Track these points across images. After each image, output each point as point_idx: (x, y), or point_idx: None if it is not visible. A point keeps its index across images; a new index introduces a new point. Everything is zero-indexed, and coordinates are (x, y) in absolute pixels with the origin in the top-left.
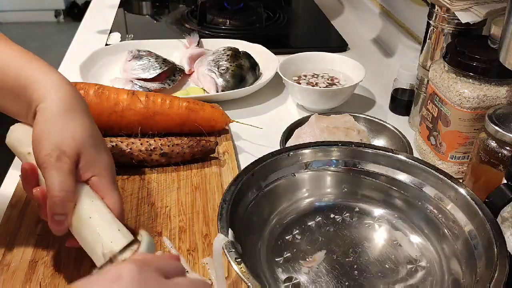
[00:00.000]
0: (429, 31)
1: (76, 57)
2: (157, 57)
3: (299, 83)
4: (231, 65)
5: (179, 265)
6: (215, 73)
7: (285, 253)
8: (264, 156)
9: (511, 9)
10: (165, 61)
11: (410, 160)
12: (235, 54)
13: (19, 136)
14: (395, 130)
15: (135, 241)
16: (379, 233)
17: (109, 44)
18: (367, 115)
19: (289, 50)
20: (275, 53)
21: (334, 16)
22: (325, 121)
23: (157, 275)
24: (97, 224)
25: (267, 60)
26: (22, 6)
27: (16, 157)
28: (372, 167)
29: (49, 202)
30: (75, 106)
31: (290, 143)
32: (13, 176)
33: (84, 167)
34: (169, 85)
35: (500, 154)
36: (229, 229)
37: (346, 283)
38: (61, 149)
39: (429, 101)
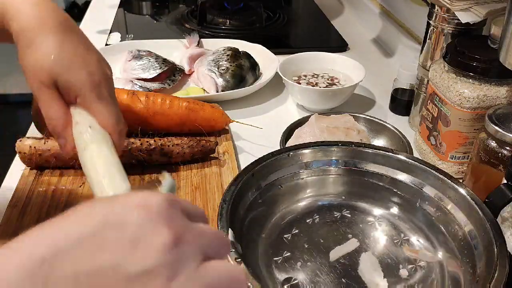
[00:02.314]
0: (429, 31)
1: None
2: (157, 57)
3: (299, 83)
4: (231, 65)
5: (203, 212)
6: (215, 73)
7: (285, 252)
8: (264, 156)
9: (511, 9)
10: (165, 61)
11: (410, 160)
12: (235, 54)
13: None
14: (395, 130)
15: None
16: (379, 233)
17: (109, 44)
18: (367, 115)
19: (289, 50)
20: (275, 53)
21: (334, 16)
22: (325, 121)
23: (182, 215)
24: (97, 168)
25: (267, 60)
26: None
27: (16, 157)
28: (372, 167)
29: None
30: (45, 25)
31: (290, 143)
32: (13, 176)
33: (64, 91)
34: (169, 85)
35: (500, 154)
36: (229, 229)
37: (346, 283)
38: (39, 79)
39: (429, 101)
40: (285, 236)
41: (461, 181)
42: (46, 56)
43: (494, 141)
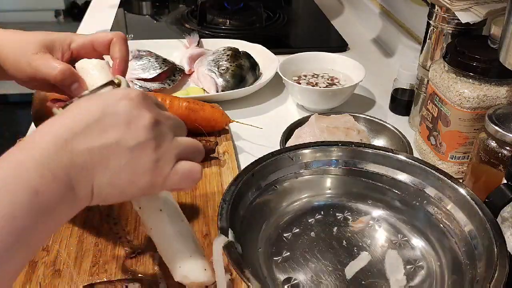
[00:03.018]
0: (429, 31)
1: None
2: (157, 57)
3: (299, 83)
4: (231, 65)
5: (163, 104)
6: (215, 73)
7: (284, 252)
8: (264, 156)
9: (511, 9)
10: (165, 61)
11: (410, 160)
12: (235, 54)
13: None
14: (395, 130)
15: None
16: (379, 233)
17: None
18: (367, 115)
19: (289, 50)
20: (275, 53)
21: (334, 16)
22: (325, 121)
23: (155, 105)
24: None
25: (267, 60)
26: (22, 6)
27: None
28: (372, 167)
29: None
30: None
31: (290, 143)
32: None
33: (57, 47)
34: (169, 85)
35: (500, 154)
36: (229, 229)
37: (346, 284)
38: (31, 53)
39: (429, 101)
40: (285, 236)
41: (461, 181)
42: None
43: (494, 141)
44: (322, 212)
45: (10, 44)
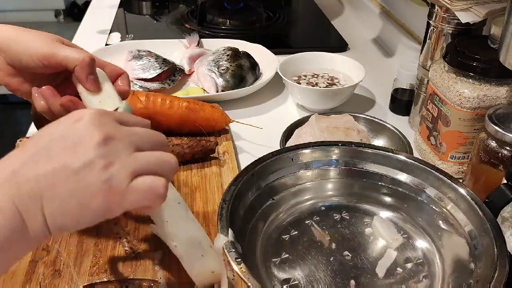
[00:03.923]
0: (429, 31)
1: None
2: (157, 57)
3: (299, 83)
4: (231, 65)
5: (142, 120)
6: (215, 73)
7: (284, 253)
8: (264, 156)
9: (511, 9)
10: (165, 61)
11: (410, 160)
12: (235, 54)
13: None
14: (395, 130)
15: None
16: (378, 233)
17: (109, 44)
18: (367, 115)
19: (289, 50)
20: (275, 53)
21: (334, 16)
22: (325, 121)
23: (114, 121)
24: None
25: (267, 60)
26: (22, 6)
27: None
28: (372, 167)
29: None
30: None
31: (290, 143)
32: None
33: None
34: (169, 85)
35: (500, 154)
36: (229, 229)
37: (346, 284)
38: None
39: (429, 101)
40: (284, 236)
41: (461, 181)
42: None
43: (494, 141)
44: (321, 212)
45: (25, 33)
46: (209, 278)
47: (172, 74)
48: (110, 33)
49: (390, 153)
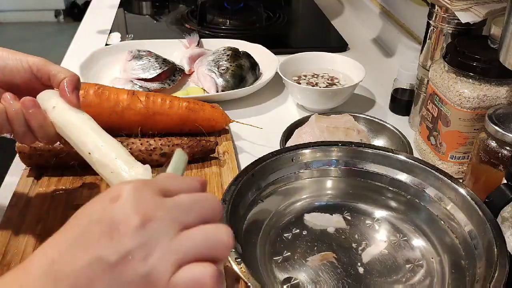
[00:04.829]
0: (429, 31)
1: (76, 57)
2: (157, 57)
3: (299, 83)
4: (231, 65)
5: (191, 183)
6: (215, 73)
7: (284, 252)
8: (264, 156)
9: (511, 9)
10: (165, 61)
11: (410, 160)
12: (235, 54)
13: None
14: (395, 130)
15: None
16: (379, 233)
17: (109, 44)
18: (367, 115)
19: (289, 50)
20: (275, 53)
21: (334, 16)
22: (325, 121)
23: (156, 195)
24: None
25: (267, 60)
26: (22, 6)
27: (16, 157)
28: (372, 167)
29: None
30: None
31: (290, 143)
32: (13, 176)
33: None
34: (169, 85)
35: (500, 154)
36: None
37: (346, 284)
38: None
39: (429, 101)
40: (284, 236)
41: (461, 181)
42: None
43: (494, 141)
44: (321, 212)
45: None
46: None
47: (172, 74)
48: (110, 33)
49: (390, 153)
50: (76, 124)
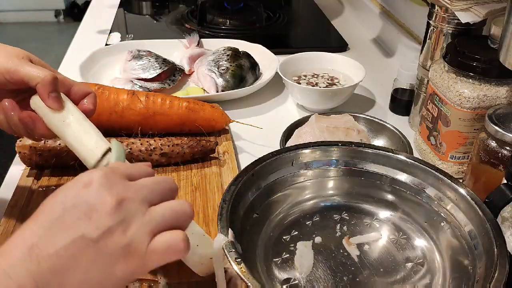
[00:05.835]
0: (429, 31)
1: (76, 57)
2: (157, 57)
3: (299, 83)
4: (231, 65)
5: (146, 169)
6: (215, 73)
7: (284, 253)
8: (264, 156)
9: (511, 9)
10: (165, 61)
11: (410, 160)
12: (235, 54)
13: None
14: (395, 130)
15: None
16: (379, 232)
17: (109, 44)
18: (367, 115)
19: (289, 50)
20: (275, 53)
21: (334, 16)
22: (325, 121)
23: (123, 179)
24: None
25: (267, 60)
26: (22, 6)
27: (16, 157)
28: (372, 167)
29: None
30: None
31: (290, 143)
32: (13, 176)
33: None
34: (169, 85)
35: (500, 154)
36: (229, 229)
37: (346, 283)
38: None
39: (429, 101)
40: (284, 237)
41: (461, 181)
42: None
43: (494, 141)
44: (321, 212)
45: None
46: (208, 265)
47: (172, 74)
48: (110, 33)
49: (390, 153)
50: (57, 126)
